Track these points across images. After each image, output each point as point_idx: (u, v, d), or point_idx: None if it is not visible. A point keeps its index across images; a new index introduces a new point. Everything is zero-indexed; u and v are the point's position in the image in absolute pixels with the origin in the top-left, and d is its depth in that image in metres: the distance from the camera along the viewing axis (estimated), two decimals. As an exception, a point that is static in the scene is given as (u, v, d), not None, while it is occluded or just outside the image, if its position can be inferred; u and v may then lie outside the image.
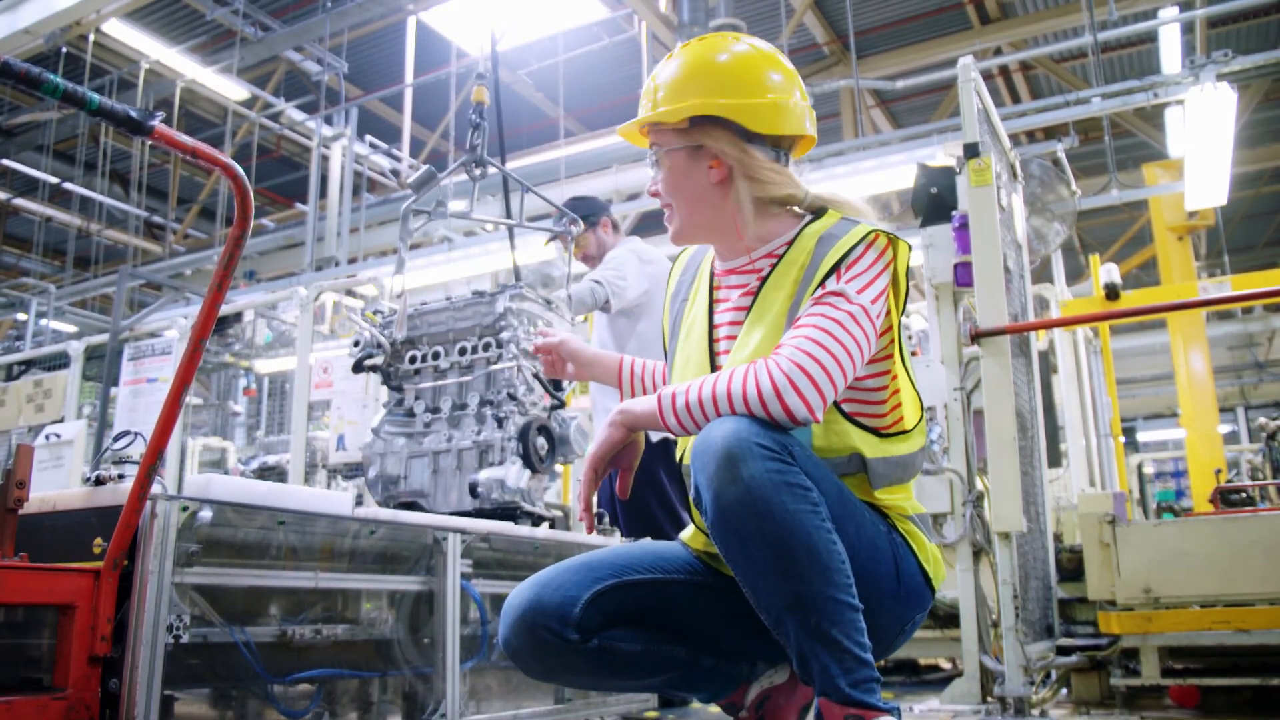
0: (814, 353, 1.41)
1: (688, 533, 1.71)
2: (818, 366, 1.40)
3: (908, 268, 1.57)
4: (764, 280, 1.60)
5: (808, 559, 1.32)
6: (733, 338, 1.62)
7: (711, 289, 1.71)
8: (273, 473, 6.67)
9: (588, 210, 3.88)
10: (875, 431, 1.54)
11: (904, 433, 1.57)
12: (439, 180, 3.07)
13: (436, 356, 3.17)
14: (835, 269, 1.50)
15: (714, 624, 1.61)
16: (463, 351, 3.13)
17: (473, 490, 2.81)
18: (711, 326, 1.67)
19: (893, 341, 1.54)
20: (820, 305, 1.47)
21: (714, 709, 3.29)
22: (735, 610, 1.59)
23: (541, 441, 2.95)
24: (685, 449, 1.66)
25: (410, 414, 3.17)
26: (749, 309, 1.60)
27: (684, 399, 1.45)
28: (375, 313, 3.32)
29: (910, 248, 1.56)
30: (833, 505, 1.39)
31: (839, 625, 1.32)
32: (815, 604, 1.32)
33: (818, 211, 1.63)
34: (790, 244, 1.59)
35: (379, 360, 3.21)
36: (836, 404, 1.53)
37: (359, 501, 2.39)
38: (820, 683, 1.34)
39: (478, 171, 3.22)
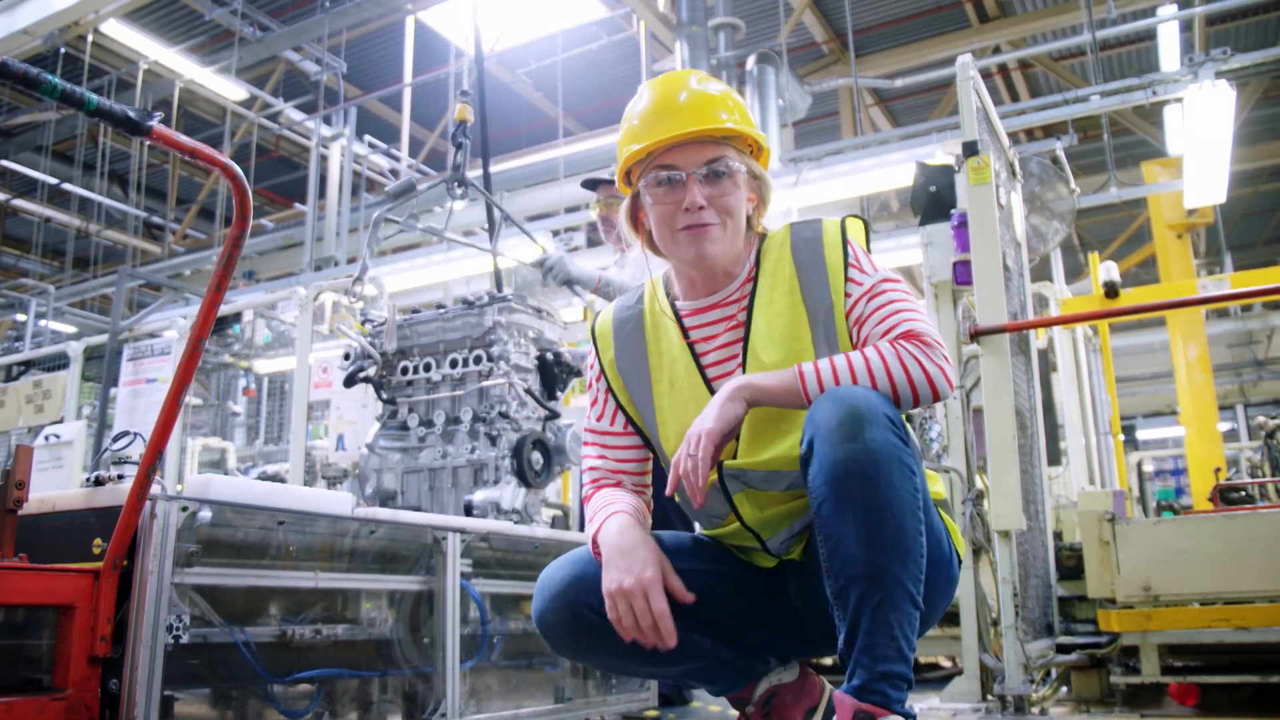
0: (926, 329, 1.47)
1: (718, 529, 1.68)
2: (937, 340, 1.47)
3: None
4: (751, 300, 1.59)
5: (895, 537, 1.33)
6: (730, 372, 1.57)
7: (684, 332, 1.64)
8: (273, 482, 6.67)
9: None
10: None
11: None
12: (418, 193, 3.04)
13: (428, 368, 3.11)
14: (847, 266, 1.56)
15: (741, 616, 1.63)
16: (454, 364, 3.06)
17: (468, 511, 2.80)
18: (701, 368, 1.61)
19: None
20: (880, 296, 1.53)
21: (713, 709, 3.29)
22: (761, 606, 1.63)
23: (536, 456, 2.92)
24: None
25: (404, 427, 3.11)
26: (744, 338, 1.58)
27: (825, 371, 1.44)
28: (364, 322, 3.27)
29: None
30: (923, 493, 1.42)
31: (898, 612, 1.33)
32: (886, 583, 1.32)
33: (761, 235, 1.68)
34: (756, 266, 1.62)
35: (371, 372, 3.16)
36: None
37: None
38: (855, 661, 1.34)
39: (459, 191, 3.16)
